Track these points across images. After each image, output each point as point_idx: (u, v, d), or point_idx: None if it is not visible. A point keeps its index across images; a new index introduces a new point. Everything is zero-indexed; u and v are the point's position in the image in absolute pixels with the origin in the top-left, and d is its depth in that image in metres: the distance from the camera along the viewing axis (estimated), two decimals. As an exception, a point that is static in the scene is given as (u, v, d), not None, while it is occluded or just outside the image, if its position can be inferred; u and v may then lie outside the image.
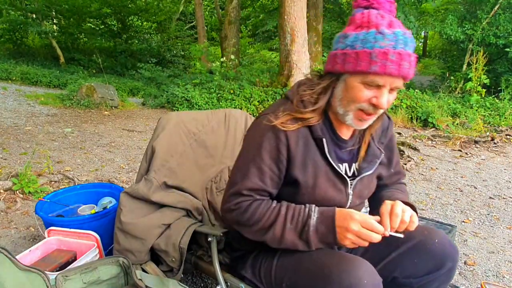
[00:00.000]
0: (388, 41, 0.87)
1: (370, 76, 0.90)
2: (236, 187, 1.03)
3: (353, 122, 0.99)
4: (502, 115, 6.78)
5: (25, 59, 12.01)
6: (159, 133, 1.61)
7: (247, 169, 1.02)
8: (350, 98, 0.95)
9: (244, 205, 1.02)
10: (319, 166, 1.03)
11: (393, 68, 0.87)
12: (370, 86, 0.92)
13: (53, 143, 4.29)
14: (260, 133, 1.02)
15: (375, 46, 0.87)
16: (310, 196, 1.04)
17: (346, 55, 0.92)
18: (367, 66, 0.88)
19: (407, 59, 0.88)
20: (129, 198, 1.51)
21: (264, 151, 1.00)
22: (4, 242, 2.15)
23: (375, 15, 0.91)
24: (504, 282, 1.94)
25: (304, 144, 1.02)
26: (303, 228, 0.98)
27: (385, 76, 0.89)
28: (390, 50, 0.87)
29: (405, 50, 0.88)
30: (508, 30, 8.75)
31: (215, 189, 1.70)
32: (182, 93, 6.99)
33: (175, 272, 1.46)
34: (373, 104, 0.94)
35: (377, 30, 0.88)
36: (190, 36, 16.85)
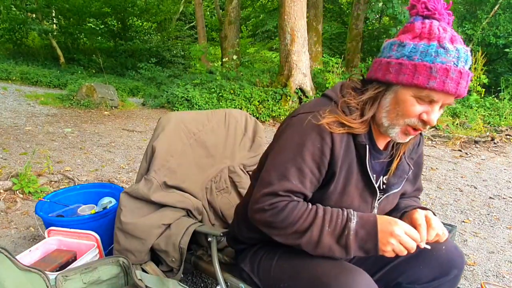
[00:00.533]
0: (450, 57, 0.84)
1: (425, 91, 0.86)
2: (272, 187, 0.95)
3: (398, 136, 0.95)
4: (502, 115, 6.78)
5: (25, 59, 12.02)
6: (159, 133, 1.61)
7: (286, 169, 0.94)
8: (400, 111, 0.91)
9: (280, 206, 0.94)
10: (353, 173, 0.99)
11: (452, 86, 0.84)
12: (423, 101, 0.88)
13: (53, 143, 4.29)
14: (303, 132, 0.95)
15: (436, 60, 0.84)
16: (337, 202, 1.00)
17: (402, 66, 0.87)
18: (425, 81, 0.84)
19: (466, 78, 0.86)
20: (129, 198, 1.51)
21: (307, 152, 0.93)
22: (4, 242, 2.15)
23: (437, 27, 0.87)
24: (504, 282, 1.95)
25: (346, 147, 0.96)
26: (342, 231, 0.91)
27: (441, 93, 0.85)
28: (451, 67, 0.83)
29: (465, 68, 0.85)
30: (508, 30, 8.75)
31: (215, 189, 1.70)
32: (182, 93, 6.99)
33: (175, 272, 1.46)
34: (423, 120, 0.90)
35: (439, 43, 0.85)
36: (190, 36, 16.87)
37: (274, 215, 0.94)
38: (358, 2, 10.25)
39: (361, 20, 10.67)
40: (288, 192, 0.95)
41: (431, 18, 0.89)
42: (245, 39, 13.10)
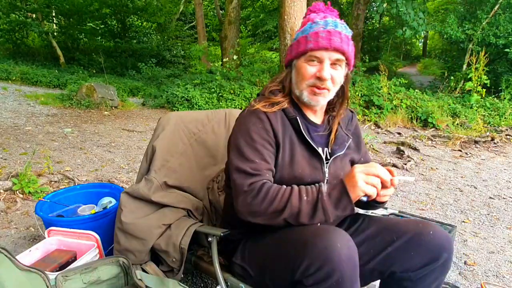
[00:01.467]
0: (319, 25, 1.08)
1: (308, 53, 1.08)
2: (241, 171, 1.07)
3: (309, 98, 1.13)
4: (502, 115, 6.78)
5: (25, 59, 12.02)
6: (159, 133, 1.61)
7: (245, 152, 1.09)
8: (300, 77, 1.12)
9: (256, 186, 1.04)
10: (295, 143, 1.14)
11: (324, 42, 1.05)
12: (312, 62, 1.09)
13: (53, 143, 4.29)
14: (244, 121, 1.14)
15: (310, 31, 1.08)
16: (289, 172, 1.12)
17: (292, 45, 1.14)
18: (304, 46, 1.08)
19: (337, 35, 1.06)
20: (130, 198, 1.51)
21: (253, 133, 1.10)
22: (4, 242, 2.15)
23: (313, 15, 1.13)
24: (504, 282, 1.94)
25: (282, 123, 1.13)
26: (317, 197, 1.00)
27: (320, 50, 1.06)
28: (320, 29, 1.06)
29: (335, 29, 1.07)
30: (508, 30, 8.75)
31: (217, 188, 1.70)
32: (182, 93, 6.99)
33: (176, 272, 1.46)
34: (318, 77, 1.08)
35: (312, 22, 1.10)
36: (190, 36, 16.87)
37: (254, 197, 1.03)
38: (358, 2, 10.26)
39: (361, 20, 10.68)
40: (256, 170, 1.06)
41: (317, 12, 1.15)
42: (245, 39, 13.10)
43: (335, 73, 1.09)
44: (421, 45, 24.62)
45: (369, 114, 6.76)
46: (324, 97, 1.13)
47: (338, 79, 1.11)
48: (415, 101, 6.93)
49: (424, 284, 1.10)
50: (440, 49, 16.99)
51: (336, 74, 1.09)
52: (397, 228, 1.13)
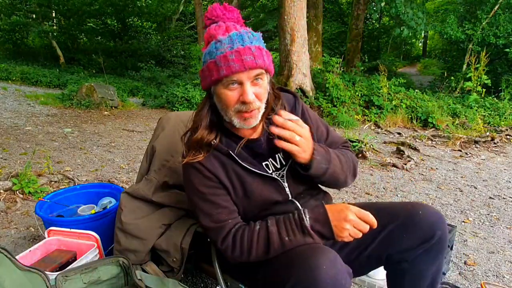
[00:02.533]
0: (225, 45, 0.96)
1: (224, 80, 0.97)
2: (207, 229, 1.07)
3: (242, 124, 1.03)
4: (502, 115, 6.78)
5: (25, 59, 12.03)
6: (159, 133, 1.61)
7: (201, 209, 1.07)
8: (224, 105, 1.01)
9: (229, 241, 1.04)
10: (243, 175, 1.08)
11: (237, 66, 0.94)
12: (232, 86, 0.98)
13: (53, 143, 4.29)
14: (186, 176, 1.10)
15: (217, 53, 0.96)
16: (248, 204, 1.10)
17: (204, 71, 1.01)
18: (217, 74, 0.96)
19: (248, 52, 0.95)
20: (130, 198, 1.51)
21: (199, 186, 1.07)
22: (4, 242, 2.15)
23: (213, 28, 1.00)
24: (504, 282, 1.94)
25: (219, 163, 1.08)
26: (301, 232, 0.99)
27: (235, 74, 0.95)
28: (227, 51, 0.95)
29: (243, 46, 0.96)
30: (508, 30, 8.76)
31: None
32: (182, 93, 7.00)
33: (176, 272, 1.46)
34: (243, 101, 0.99)
35: (215, 40, 0.97)
36: (190, 36, 16.86)
37: (232, 251, 1.04)
38: (358, 2, 10.26)
39: (361, 20, 10.68)
40: (219, 222, 1.05)
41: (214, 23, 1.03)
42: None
43: (259, 89, 1.01)
44: (421, 45, 24.63)
45: (369, 114, 6.76)
46: (256, 118, 1.03)
47: (263, 93, 1.03)
48: (415, 101, 6.93)
49: (422, 265, 1.10)
50: (440, 49, 16.99)
51: (259, 90, 1.01)
52: (388, 212, 1.14)
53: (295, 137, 0.99)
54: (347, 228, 0.96)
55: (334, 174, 1.11)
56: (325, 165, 1.08)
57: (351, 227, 0.96)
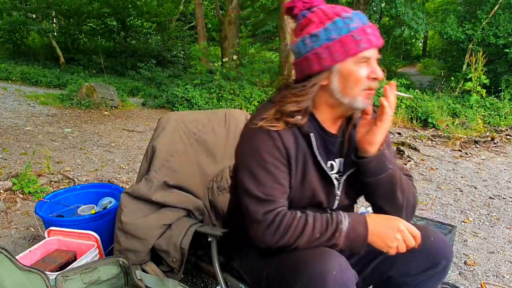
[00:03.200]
0: (356, 20, 0.94)
1: (360, 55, 0.94)
2: (253, 197, 0.99)
3: (365, 103, 1.00)
4: (502, 115, 6.78)
5: (25, 59, 12.02)
6: (159, 133, 1.61)
7: (256, 175, 0.99)
8: (351, 83, 0.96)
9: (269, 217, 0.97)
10: (308, 162, 1.04)
11: (376, 39, 0.95)
12: (361, 64, 0.96)
13: (53, 143, 4.29)
14: (252, 138, 1.02)
15: (351, 28, 0.93)
16: (299, 193, 1.05)
17: (330, 48, 0.94)
18: (356, 47, 0.93)
19: (377, 30, 0.97)
20: (130, 199, 1.51)
21: (265, 153, 0.99)
22: (4, 242, 2.15)
23: (327, 9, 0.98)
24: (504, 282, 1.95)
25: (294, 140, 1.02)
26: (332, 235, 0.95)
27: (371, 49, 0.95)
28: (364, 26, 0.94)
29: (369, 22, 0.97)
30: (508, 30, 8.76)
31: (216, 188, 1.70)
32: (182, 93, 6.99)
33: (176, 272, 1.46)
34: (373, 78, 0.97)
35: (340, 17, 0.95)
36: (190, 36, 16.85)
37: (266, 228, 0.97)
38: (358, 2, 10.25)
39: (361, 20, 10.65)
40: (269, 196, 0.98)
41: (312, 7, 1.00)
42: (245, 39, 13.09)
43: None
44: (421, 45, 24.62)
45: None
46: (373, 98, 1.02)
47: None
48: (415, 101, 6.92)
49: None
50: (440, 49, 16.97)
51: None
52: None
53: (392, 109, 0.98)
54: (398, 238, 0.93)
55: (393, 180, 1.05)
56: (390, 164, 1.03)
57: (401, 239, 0.93)
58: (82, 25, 14.14)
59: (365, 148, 1.02)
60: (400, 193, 1.07)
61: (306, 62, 0.98)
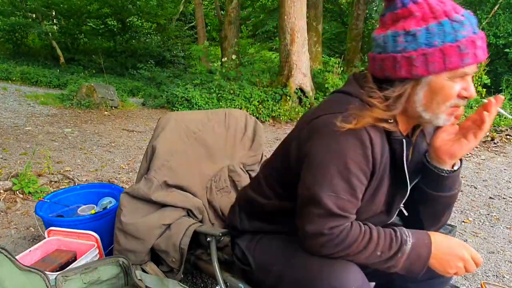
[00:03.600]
0: (467, 27, 0.79)
1: (460, 70, 0.81)
2: (325, 208, 0.86)
3: (446, 121, 0.88)
4: (502, 115, 6.78)
5: (25, 59, 12.04)
6: (159, 133, 1.61)
7: (334, 185, 0.85)
8: (440, 99, 0.84)
9: (336, 232, 0.87)
10: (386, 172, 0.92)
11: (482, 54, 0.81)
12: (455, 79, 0.83)
13: (53, 143, 4.29)
14: (337, 138, 0.85)
15: (458, 37, 0.79)
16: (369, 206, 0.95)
17: (427, 56, 0.80)
18: (459, 61, 0.79)
19: (485, 40, 0.83)
20: (130, 199, 1.51)
21: (350, 161, 0.85)
22: (4, 242, 2.15)
23: (435, 3, 0.81)
24: (504, 282, 1.95)
25: (381, 147, 0.89)
26: (393, 256, 0.88)
27: (474, 65, 0.82)
28: (474, 36, 0.80)
29: (479, 31, 0.82)
30: (508, 30, 8.76)
31: (215, 188, 1.70)
32: (182, 93, 7.00)
33: (175, 272, 1.46)
34: (464, 96, 0.84)
35: (449, 18, 0.79)
36: (190, 37, 16.87)
37: (329, 241, 0.88)
38: (358, 2, 10.25)
39: (361, 20, 10.66)
40: (343, 211, 0.87)
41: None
42: (245, 39, 13.11)
43: None
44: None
45: (369, 114, 6.76)
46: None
47: None
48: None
49: None
50: (440, 49, 16.99)
51: None
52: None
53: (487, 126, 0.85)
54: (459, 266, 0.88)
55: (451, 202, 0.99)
56: (458, 186, 0.97)
57: (463, 266, 0.88)
58: (82, 25, 14.15)
59: (442, 158, 0.91)
60: (447, 215, 1.02)
61: (392, 63, 0.84)
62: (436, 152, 0.92)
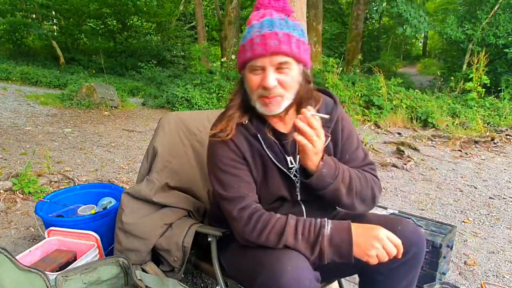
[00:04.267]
0: (255, 29, 0.99)
1: (250, 63, 1.01)
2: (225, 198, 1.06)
3: (263, 109, 1.05)
4: (502, 115, 6.78)
5: (25, 60, 12.02)
6: (160, 133, 1.61)
7: (222, 180, 1.07)
8: (249, 89, 1.05)
9: (245, 214, 1.03)
10: (265, 159, 1.10)
11: (260, 49, 0.97)
12: (256, 71, 1.01)
13: (53, 143, 4.29)
14: (211, 147, 1.12)
15: (247, 37, 1.01)
16: (265, 190, 1.11)
17: (237, 54, 1.06)
18: (243, 56, 1.01)
19: (273, 37, 0.97)
20: (131, 199, 1.51)
21: (223, 158, 1.08)
22: (4, 243, 2.15)
23: (253, 14, 1.04)
24: (504, 282, 1.95)
25: (247, 141, 1.09)
26: (316, 239, 0.97)
27: (259, 58, 0.98)
28: (254, 35, 0.99)
29: (270, 31, 0.98)
30: (507, 30, 8.76)
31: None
32: (182, 93, 7.00)
33: (176, 272, 1.46)
34: (264, 86, 1.00)
35: (250, 25, 1.02)
36: (190, 37, 16.86)
37: (245, 225, 1.03)
38: (358, 2, 10.26)
39: (361, 20, 10.68)
40: (237, 193, 1.05)
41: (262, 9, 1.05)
42: (245, 39, 13.12)
43: (284, 77, 1.00)
44: (421, 45, 24.64)
45: (369, 114, 6.76)
46: (278, 105, 1.03)
47: (289, 82, 1.01)
48: (415, 101, 6.93)
49: (396, 277, 1.09)
50: (440, 49, 16.98)
51: (284, 78, 1.00)
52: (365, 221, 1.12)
53: (313, 136, 0.97)
54: (377, 247, 0.93)
55: (336, 192, 1.08)
56: (330, 179, 1.05)
57: (381, 248, 0.94)
58: (82, 25, 14.15)
59: (307, 164, 1.04)
60: (347, 198, 1.10)
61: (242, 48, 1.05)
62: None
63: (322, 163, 1.03)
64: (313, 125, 0.97)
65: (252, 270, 1.00)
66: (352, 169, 1.13)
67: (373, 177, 1.18)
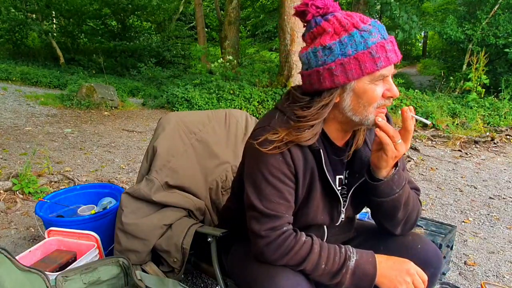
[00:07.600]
0: (375, 34, 0.88)
1: (377, 73, 0.89)
2: (258, 211, 0.96)
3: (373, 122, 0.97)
4: (502, 115, 6.78)
5: (25, 60, 12.03)
6: (160, 133, 1.62)
7: (262, 190, 0.96)
8: (365, 102, 0.92)
9: (273, 235, 0.94)
10: (315, 178, 1.01)
11: (393, 56, 0.90)
12: (377, 81, 0.91)
13: (53, 144, 4.29)
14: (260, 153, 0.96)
15: (368, 44, 0.87)
16: (302, 210, 1.03)
17: (345, 65, 0.88)
18: (373, 66, 0.88)
19: (395, 43, 0.92)
20: (131, 199, 1.51)
21: (272, 168, 0.95)
22: (4, 243, 2.15)
23: (343, 17, 0.90)
24: (504, 282, 1.95)
25: (303, 155, 0.98)
26: (339, 269, 0.93)
27: (389, 67, 0.90)
28: (383, 41, 0.88)
29: (388, 36, 0.91)
30: (507, 30, 8.75)
31: (221, 188, 1.70)
32: (182, 93, 7.00)
33: (176, 273, 1.46)
34: (388, 96, 0.94)
35: (357, 29, 0.88)
36: (190, 37, 16.87)
37: (268, 244, 0.95)
38: (357, 3, 10.25)
39: (361, 20, 10.66)
40: (274, 211, 0.95)
41: (326, 14, 0.93)
42: (245, 40, 13.10)
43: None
44: (421, 45, 24.64)
45: (369, 114, 6.76)
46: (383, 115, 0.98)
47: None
48: (415, 101, 6.93)
49: None
50: (440, 49, 16.98)
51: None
52: (385, 236, 1.12)
53: (398, 138, 0.93)
54: (408, 281, 0.92)
55: (396, 204, 1.02)
56: (397, 189, 1.00)
57: (411, 282, 0.92)
58: (82, 25, 14.14)
59: (374, 170, 1.00)
60: (401, 214, 1.05)
61: (317, 76, 0.92)
62: (371, 164, 1.02)
63: (395, 169, 0.99)
64: (409, 127, 0.94)
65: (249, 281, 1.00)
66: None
67: (419, 203, 1.13)
